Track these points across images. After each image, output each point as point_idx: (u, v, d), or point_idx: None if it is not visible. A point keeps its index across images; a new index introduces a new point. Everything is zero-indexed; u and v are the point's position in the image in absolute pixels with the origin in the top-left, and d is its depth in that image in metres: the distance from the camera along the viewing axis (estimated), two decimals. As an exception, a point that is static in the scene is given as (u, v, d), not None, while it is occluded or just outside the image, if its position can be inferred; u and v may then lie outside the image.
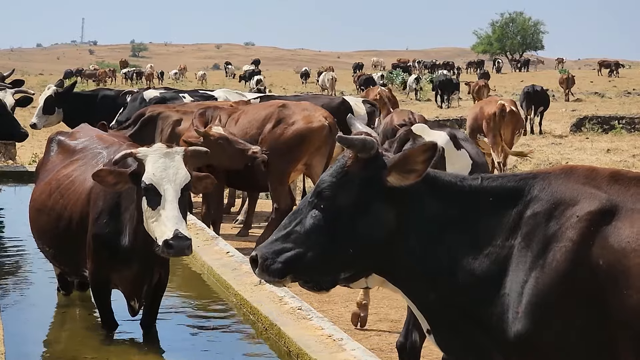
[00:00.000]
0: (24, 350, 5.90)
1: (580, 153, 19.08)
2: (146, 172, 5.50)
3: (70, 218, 6.15)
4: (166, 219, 5.36)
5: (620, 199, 3.27)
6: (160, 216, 5.40)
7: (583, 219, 3.24)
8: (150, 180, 5.47)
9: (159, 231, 5.37)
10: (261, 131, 9.27)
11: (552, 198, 3.33)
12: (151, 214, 5.45)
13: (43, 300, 7.16)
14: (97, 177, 5.53)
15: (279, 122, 9.27)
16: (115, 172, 5.57)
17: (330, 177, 3.44)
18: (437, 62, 75.32)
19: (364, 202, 3.40)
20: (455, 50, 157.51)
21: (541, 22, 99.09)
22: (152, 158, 5.53)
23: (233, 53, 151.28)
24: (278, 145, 9.09)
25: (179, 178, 5.51)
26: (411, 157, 3.36)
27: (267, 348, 6.01)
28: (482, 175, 3.54)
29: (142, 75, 59.98)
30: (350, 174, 3.43)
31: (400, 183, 3.38)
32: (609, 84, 49.70)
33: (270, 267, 3.40)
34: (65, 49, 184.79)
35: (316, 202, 3.43)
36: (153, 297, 6.20)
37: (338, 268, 3.44)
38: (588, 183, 3.35)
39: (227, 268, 7.39)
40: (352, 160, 3.44)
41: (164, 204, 5.41)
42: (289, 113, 9.33)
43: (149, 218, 5.47)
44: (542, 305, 3.20)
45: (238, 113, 9.61)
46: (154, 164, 5.51)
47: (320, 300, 7.29)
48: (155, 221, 5.42)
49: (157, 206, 5.43)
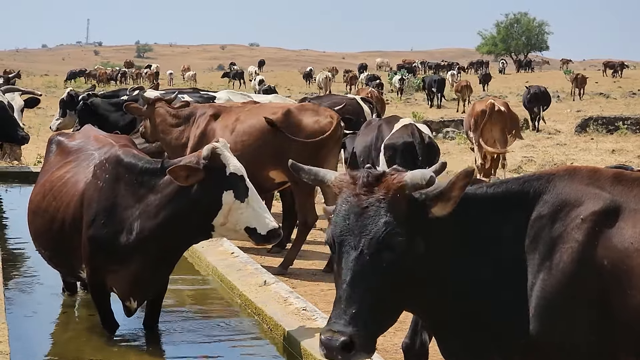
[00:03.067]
0: (28, 351, 5.90)
1: (585, 154, 19.04)
2: (232, 165, 5.62)
3: (63, 220, 6.14)
4: (263, 210, 5.66)
5: (624, 200, 3.28)
6: (252, 208, 5.62)
7: (587, 219, 3.24)
8: (240, 172, 5.64)
9: (258, 222, 5.61)
10: (265, 141, 8.59)
11: (557, 200, 3.34)
12: (239, 205, 5.60)
13: (48, 300, 7.16)
14: (172, 174, 5.58)
15: (290, 132, 8.56)
16: (188, 167, 5.59)
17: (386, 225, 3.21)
18: (444, 62, 75.25)
19: (415, 239, 3.28)
20: (460, 51, 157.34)
21: (546, 23, 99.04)
22: (227, 153, 5.67)
23: (238, 54, 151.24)
24: (299, 159, 8.47)
25: (244, 172, 5.72)
26: (454, 185, 3.30)
27: (272, 348, 6.01)
28: (486, 183, 3.54)
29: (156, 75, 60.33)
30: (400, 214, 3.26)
31: (442, 213, 3.31)
32: (614, 85, 49.60)
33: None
34: (70, 49, 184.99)
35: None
36: (155, 297, 6.21)
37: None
38: (592, 184, 3.36)
39: (232, 269, 7.40)
40: (398, 199, 3.28)
41: (254, 196, 5.65)
42: (296, 120, 8.65)
43: (236, 209, 5.60)
44: (549, 307, 3.21)
45: (232, 120, 8.90)
46: (232, 158, 5.66)
47: (325, 302, 7.29)
48: (246, 213, 5.61)
49: (246, 198, 5.61)
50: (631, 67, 72.50)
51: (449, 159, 18.38)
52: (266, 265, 8.06)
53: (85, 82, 55.61)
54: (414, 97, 42.44)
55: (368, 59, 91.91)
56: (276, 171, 8.65)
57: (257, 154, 8.44)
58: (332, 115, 8.79)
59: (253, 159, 8.23)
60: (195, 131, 9.06)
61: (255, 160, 8.22)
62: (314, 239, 9.86)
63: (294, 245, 8.77)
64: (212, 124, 9.02)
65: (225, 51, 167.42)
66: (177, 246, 5.93)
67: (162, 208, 5.68)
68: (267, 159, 8.53)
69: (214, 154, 5.58)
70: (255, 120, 8.77)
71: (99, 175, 6.00)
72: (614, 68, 60.51)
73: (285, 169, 8.59)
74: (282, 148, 8.52)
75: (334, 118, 8.74)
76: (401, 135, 9.15)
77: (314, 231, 9.78)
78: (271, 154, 8.54)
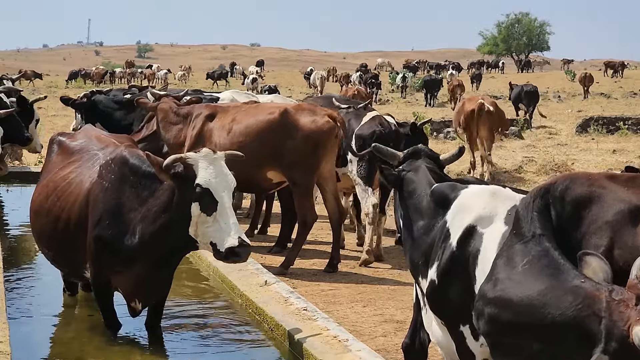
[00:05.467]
0: (29, 351, 5.91)
1: (586, 154, 19.01)
2: (200, 177, 5.49)
3: (68, 220, 6.14)
4: (227, 227, 5.42)
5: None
6: (219, 223, 5.44)
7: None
8: (207, 185, 5.48)
9: (219, 238, 5.42)
10: (263, 142, 8.54)
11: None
12: (205, 219, 5.47)
13: (49, 300, 7.17)
14: (150, 161, 5.61)
15: (288, 132, 8.56)
16: (158, 164, 5.57)
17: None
18: (446, 62, 75.19)
19: None
20: (461, 51, 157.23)
21: (547, 23, 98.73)
22: (203, 164, 5.53)
23: (239, 54, 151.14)
24: (297, 159, 8.50)
25: (229, 184, 5.57)
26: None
27: (273, 348, 6.02)
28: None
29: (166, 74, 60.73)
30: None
31: None
32: (615, 85, 49.57)
33: None
34: (71, 49, 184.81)
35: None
36: (158, 297, 6.21)
37: None
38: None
39: (233, 268, 7.40)
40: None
41: (222, 211, 5.45)
42: (293, 120, 8.60)
43: (202, 223, 5.48)
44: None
45: (229, 121, 8.86)
46: (206, 170, 5.52)
47: (325, 302, 7.30)
48: (212, 228, 5.45)
49: (213, 212, 5.46)
50: (632, 67, 72.52)
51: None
52: (267, 265, 8.07)
53: (85, 82, 55.58)
54: (414, 97, 42.47)
55: (369, 59, 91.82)
56: (274, 171, 8.64)
57: (255, 154, 8.41)
58: (330, 115, 8.76)
59: (250, 160, 8.22)
60: (191, 131, 9.04)
61: (252, 161, 8.21)
62: (314, 239, 9.86)
63: (295, 246, 8.76)
64: (208, 124, 8.98)
65: (226, 51, 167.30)
66: (176, 251, 5.92)
67: (159, 213, 5.68)
68: (264, 159, 8.52)
69: (186, 164, 5.54)
70: (252, 120, 8.73)
71: (104, 176, 5.99)
72: (614, 68, 60.51)
73: (283, 169, 8.60)
74: (279, 148, 8.52)
75: (331, 117, 8.72)
76: (370, 126, 9.45)
77: (315, 231, 9.78)
78: (269, 154, 8.53)
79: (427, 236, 4.28)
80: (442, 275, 4.08)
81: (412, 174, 4.60)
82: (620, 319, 3.05)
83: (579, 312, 3.17)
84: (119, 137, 6.79)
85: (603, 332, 3.07)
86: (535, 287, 3.33)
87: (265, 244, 9.70)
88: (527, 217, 3.52)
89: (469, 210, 4.07)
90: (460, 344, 4.13)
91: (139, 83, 52.10)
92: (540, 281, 3.34)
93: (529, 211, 3.54)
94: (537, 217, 3.50)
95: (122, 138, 6.80)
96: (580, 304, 3.18)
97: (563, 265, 3.31)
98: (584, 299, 3.17)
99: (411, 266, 4.48)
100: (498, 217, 3.96)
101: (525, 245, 3.47)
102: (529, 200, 3.58)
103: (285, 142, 8.52)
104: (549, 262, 3.35)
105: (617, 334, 3.04)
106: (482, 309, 3.59)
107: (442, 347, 4.40)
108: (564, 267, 3.31)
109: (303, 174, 8.54)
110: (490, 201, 4.05)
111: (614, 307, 3.08)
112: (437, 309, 4.21)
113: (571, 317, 3.18)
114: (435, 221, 4.26)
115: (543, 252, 3.39)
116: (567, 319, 3.19)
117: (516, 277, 3.44)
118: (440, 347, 4.44)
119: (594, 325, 3.11)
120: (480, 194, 4.12)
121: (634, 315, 3.00)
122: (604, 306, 3.10)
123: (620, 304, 3.07)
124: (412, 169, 4.64)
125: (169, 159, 5.56)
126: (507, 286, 3.45)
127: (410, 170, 4.64)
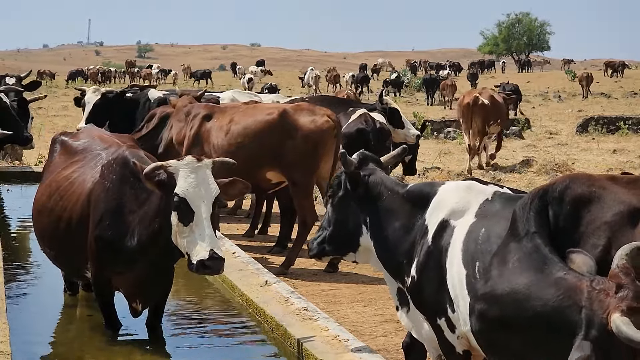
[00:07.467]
0: (30, 351, 5.90)
1: (587, 154, 19.02)
2: (178, 186, 5.43)
3: (69, 220, 6.13)
4: (201, 238, 5.32)
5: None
6: (194, 234, 5.35)
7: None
8: (184, 195, 5.41)
9: (192, 249, 5.33)
10: (262, 143, 8.53)
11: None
12: (182, 229, 5.41)
13: (49, 300, 7.17)
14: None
15: (287, 132, 8.54)
16: (141, 169, 5.54)
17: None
18: (446, 62, 75.21)
19: None
20: (461, 51, 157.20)
21: (547, 23, 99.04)
22: (184, 172, 5.47)
23: (239, 54, 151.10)
24: (296, 159, 8.49)
25: (211, 194, 5.47)
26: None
27: (274, 348, 6.02)
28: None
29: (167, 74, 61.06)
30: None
31: None
32: (615, 85, 49.57)
33: None
34: (71, 49, 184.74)
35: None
36: (158, 298, 6.21)
37: None
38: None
39: (233, 269, 7.40)
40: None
41: (198, 222, 5.36)
42: (292, 120, 8.60)
43: (180, 233, 5.42)
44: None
45: (227, 121, 8.83)
46: (185, 179, 5.45)
47: (326, 301, 7.31)
48: (188, 238, 5.37)
49: (190, 222, 5.38)
50: (632, 67, 72.49)
51: (450, 158, 18.43)
52: (267, 265, 8.07)
53: (86, 82, 55.62)
54: (414, 97, 42.46)
55: (369, 59, 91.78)
56: (273, 172, 8.64)
57: (253, 154, 8.42)
58: (329, 115, 8.76)
59: (249, 160, 8.24)
60: (189, 132, 9.04)
61: (251, 161, 8.23)
62: (315, 239, 9.84)
63: (295, 246, 8.75)
64: (205, 125, 8.98)
65: (226, 51, 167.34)
66: (173, 255, 5.87)
67: (153, 218, 5.65)
68: (263, 159, 8.52)
69: (168, 172, 5.50)
70: (250, 120, 8.73)
71: (106, 176, 5.99)
72: (615, 68, 60.50)
73: (282, 169, 8.60)
74: (279, 148, 8.51)
75: (330, 117, 8.71)
76: (355, 124, 9.69)
77: (315, 231, 9.76)
78: (267, 155, 8.53)
79: (408, 235, 4.37)
80: (420, 271, 4.21)
81: (374, 178, 4.66)
82: (599, 307, 3.09)
83: (561, 302, 3.22)
84: (121, 137, 6.79)
85: (584, 320, 3.12)
86: (521, 280, 3.39)
87: (265, 244, 9.70)
88: (523, 217, 3.56)
89: (444, 205, 4.21)
90: (439, 337, 4.26)
91: (138, 82, 52.19)
92: (526, 275, 3.39)
93: (526, 211, 3.57)
94: (533, 217, 3.53)
95: (125, 138, 6.80)
96: (562, 295, 3.22)
97: (550, 260, 3.36)
98: (566, 290, 3.22)
99: (391, 267, 4.53)
100: (470, 211, 4.09)
101: (519, 243, 3.51)
102: (526, 201, 3.60)
103: (285, 143, 8.51)
104: (537, 257, 3.39)
105: (597, 322, 3.09)
106: (472, 305, 3.64)
107: (426, 342, 4.53)
108: (551, 261, 3.36)
109: (303, 174, 8.55)
110: (465, 195, 4.18)
111: (594, 297, 3.12)
112: (418, 304, 4.32)
113: (553, 308, 3.23)
114: (414, 220, 4.36)
115: (534, 249, 3.44)
116: (549, 310, 3.24)
117: (506, 273, 3.49)
118: (425, 343, 4.55)
119: (575, 315, 3.15)
120: (456, 189, 4.25)
121: (613, 303, 3.04)
122: (585, 296, 3.15)
123: (600, 292, 3.11)
124: (370, 173, 4.69)
125: (149, 167, 5.52)
126: (496, 282, 3.50)
127: (370, 174, 4.69)
